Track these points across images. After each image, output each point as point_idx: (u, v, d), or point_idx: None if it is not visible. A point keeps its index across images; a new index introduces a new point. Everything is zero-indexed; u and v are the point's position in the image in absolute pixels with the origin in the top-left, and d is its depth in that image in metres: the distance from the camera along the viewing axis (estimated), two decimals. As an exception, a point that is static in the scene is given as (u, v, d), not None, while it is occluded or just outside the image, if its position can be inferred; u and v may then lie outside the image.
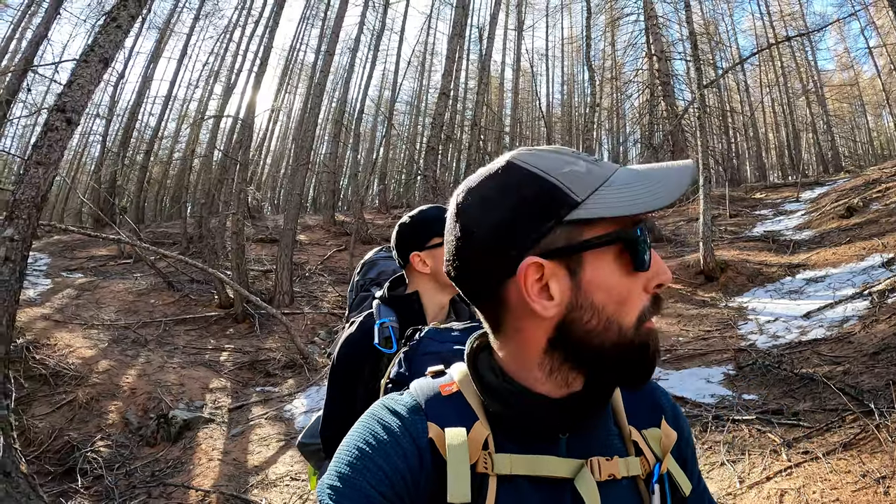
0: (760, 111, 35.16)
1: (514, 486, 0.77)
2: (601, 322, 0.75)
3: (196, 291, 12.66)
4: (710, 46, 26.28)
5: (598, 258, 0.75)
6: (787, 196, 19.51)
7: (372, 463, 0.76)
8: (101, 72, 4.75)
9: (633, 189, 0.74)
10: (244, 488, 5.27)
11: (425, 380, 0.90)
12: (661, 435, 0.89)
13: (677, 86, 20.27)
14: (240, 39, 26.34)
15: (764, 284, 10.12)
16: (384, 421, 0.82)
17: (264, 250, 17.77)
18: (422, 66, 38.02)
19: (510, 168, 0.77)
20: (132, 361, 8.34)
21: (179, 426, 6.57)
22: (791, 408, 4.85)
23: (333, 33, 15.61)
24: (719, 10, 33.15)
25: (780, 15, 31.65)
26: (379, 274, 2.31)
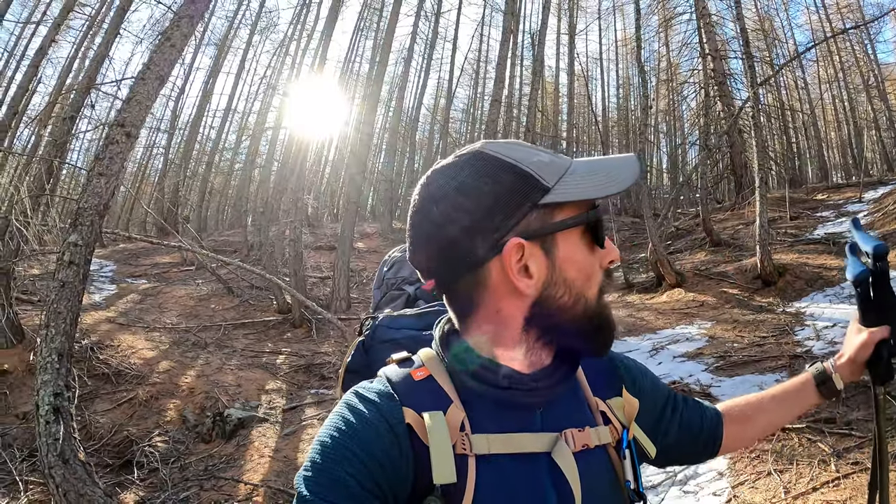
0: (820, 108, 33.81)
1: (494, 464, 0.80)
2: (571, 296, 0.84)
3: (255, 297, 13.00)
4: (767, 43, 25.47)
5: (568, 238, 0.84)
6: (850, 196, 18.77)
7: (347, 451, 0.77)
8: (158, 89, 4.98)
9: (594, 177, 0.84)
10: (291, 484, 5.40)
11: (393, 366, 0.92)
12: (624, 403, 0.97)
13: (734, 85, 19.81)
14: (295, 53, 26.85)
15: (823, 289, 9.80)
16: (358, 408, 0.83)
17: (322, 257, 18.09)
18: (476, 73, 37.98)
19: (483, 157, 0.84)
20: (191, 363, 8.61)
21: (234, 424, 6.72)
22: (844, 417, 4.70)
23: (385, 44, 15.84)
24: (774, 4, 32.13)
25: (836, 7, 30.38)
26: (411, 273, 2.34)
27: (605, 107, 40.59)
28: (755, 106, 11.74)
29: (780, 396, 1.26)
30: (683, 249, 15.41)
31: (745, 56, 12.33)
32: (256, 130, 25.97)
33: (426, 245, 0.87)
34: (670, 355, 7.88)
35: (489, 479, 0.79)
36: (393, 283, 2.36)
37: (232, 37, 28.89)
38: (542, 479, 0.83)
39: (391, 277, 2.38)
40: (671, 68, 29.18)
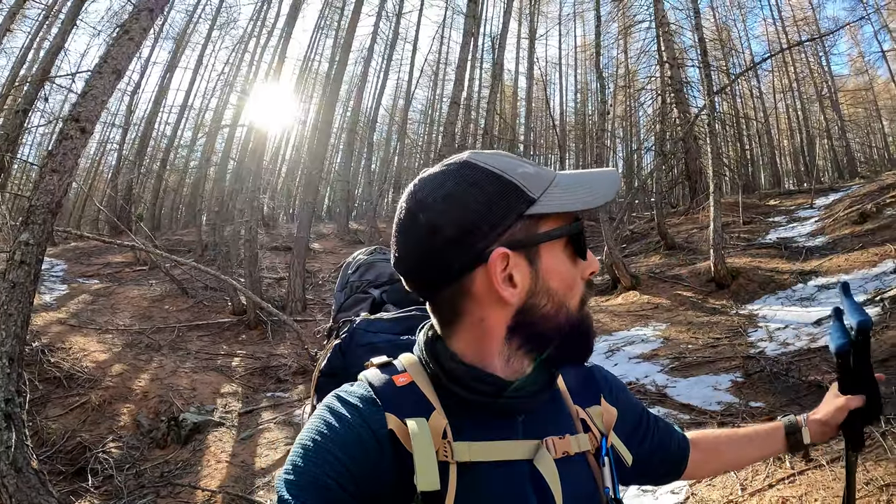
0: (774, 117, 34.90)
1: (475, 472, 0.81)
2: (554, 306, 0.85)
3: (209, 298, 12.79)
4: (724, 53, 26.15)
5: (551, 249, 0.85)
6: (801, 202, 19.34)
7: (329, 454, 0.78)
8: (115, 83, 4.84)
9: (578, 190, 0.86)
10: (250, 489, 5.32)
11: (375, 371, 0.92)
12: (602, 411, 0.98)
13: (691, 93, 20.22)
14: (254, 50, 26.52)
15: (775, 291, 10.06)
16: (340, 412, 0.83)
17: (278, 258, 17.91)
18: (435, 75, 38.14)
19: (470, 166, 0.85)
20: (145, 366, 8.43)
21: (189, 429, 6.61)
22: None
23: (346, 43, 15.75)
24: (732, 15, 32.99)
25: (792, 20, 31.43)
26: (377, 276, 2.31)
27: (562, 111, 41.16)
28: (711, 113, 12.01)
29: (749, 436, 1.30)
30: (638, 253, 15.68)
31: (703, 65, 12.62)
32: (213, 128, 25.52)
33: (412, 252, 0.86)
34: (626, 356, 8.00)
35: (470, 487, 0.80)
36: (358, 285, 2.33)
37: (191, 32, 28.41)
38: (523, 486, 0.84)
39: (356, 280, 2.34)
40: (629, 75, 29.65)
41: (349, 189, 26.03)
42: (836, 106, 29.45)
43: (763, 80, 33.45)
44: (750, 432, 1.31)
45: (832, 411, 1.23)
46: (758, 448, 1.29)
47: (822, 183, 25.13)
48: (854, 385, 1.20)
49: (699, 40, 12.97)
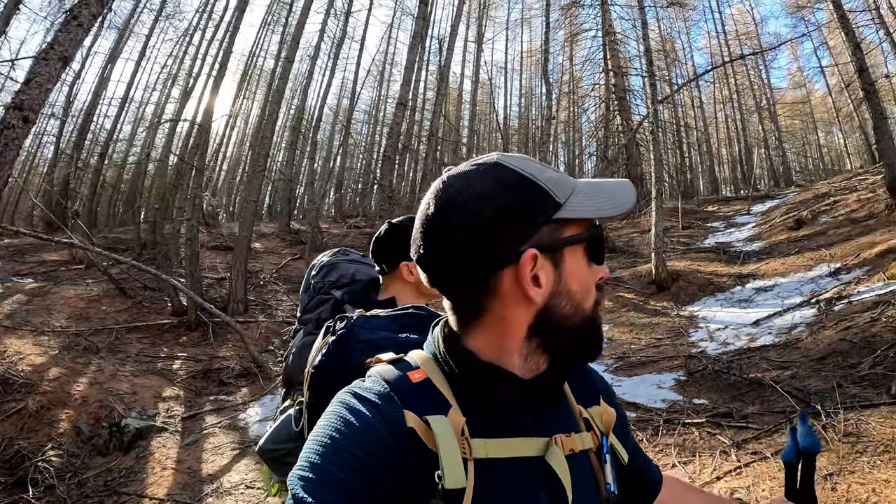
0: (714, 127, 36.18)
1: (491, 468, 0.82)
2: (573, 307, 0.87)
3: (149, 299, 12.39)
4: (667, 63, 26.92)
5: (573, 253, 0.87)
6: (739, 209, 20.03)
7: (347, 452, 0.77)
8: (60, 70, 4.66)
9: (599, 198, 0.88)
10: (198, 497, 5.19)
11: (387, 367, 0.92)
12: (602, 411, 1.01)
13: (633, 101, 20.65)
14: (199, 43, 25.85)
15: (714, 294, 10.38)
16: (358, 409, 0.82)
17: (219, 258, 17.53)
18: (381, 75, 38.00)
19: (502, 168, 0.86)
20: (84, 369, 8.12)
21: (132, 435, 6.43)
22: (740, 411, 5.01)
23: (294, 40, 15.49)
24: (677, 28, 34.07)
25: (735, 34, 32.70)
26: (339, 277, 2.28)
27: (506, 115, 41.52)
28: (654, 122, 12.30)
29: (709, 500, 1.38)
30: (581, 256, 15.91)
31: (648, 74, 12.93)
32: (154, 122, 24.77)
33: (439, 249, 0.86)
34: (570, 357, 8.11)
35: (487, 483, 0.81)
36: (320, 286, 2.33)
37: (135, 21, 27.42)
38: (535, 482, 0.86)
39: (318, 281, 2.35)
40: (574, 81, 30.16)
41: (292, 188, 25.65)
42: (774, 117, 30.71)
43: (704, 90, 34.73)
44: (712, 497, 1.40)
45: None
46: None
47: (758, 190, 26.09)
48: (796, 496, 1.30)
49: (645, 50, 13.28)
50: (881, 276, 7.84)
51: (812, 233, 12.67)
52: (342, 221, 26.89)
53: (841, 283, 8.42)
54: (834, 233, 11.84)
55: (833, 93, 32.59)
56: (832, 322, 6.77)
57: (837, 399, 4.43)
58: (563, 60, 32.44)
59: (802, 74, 37.26)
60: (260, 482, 5.35)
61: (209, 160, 24.21)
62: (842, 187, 17.02)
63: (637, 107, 20.59)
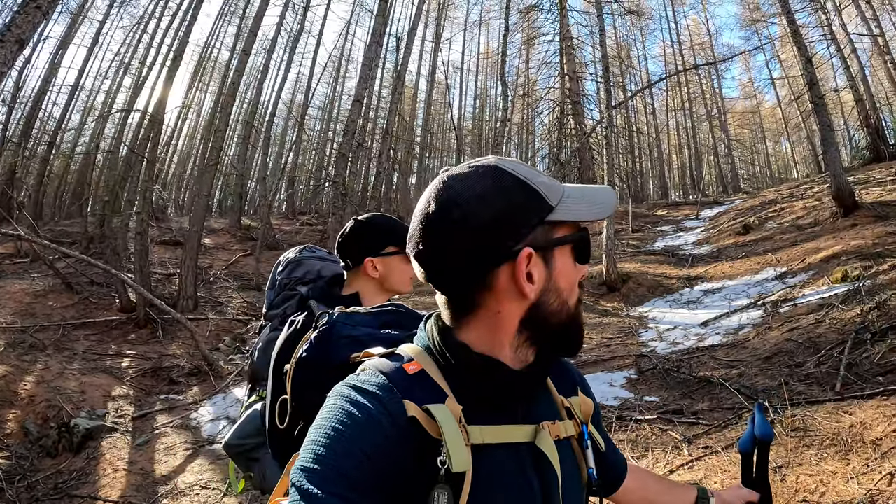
0: (665, 133, 37.03)
1: (486, 453, 0.86)
2: (560, 304, 0.93)
3: (96, 294, 12.07)
4: (621, 70, 27.41)
5: (562, 252, 0.93)
6: (688, 214, 20.53)
7: (350, 443, 0.79)
8: (17, 54, 4.51)
9: (585, 202, 0.94)
10: (153, 499, 5.07)
11: (381, 360, 0.95)
12: (581, 402, 1.08)
13: (587, 105, 20.91)
14: (154, 31, 25.16)
15: (664, 295, 10.61)
16: (359, 401, 0.85)
17: (168, 253, 17.19)
18: (337, 71, 37.68)
19: (500, 171, 0.90)
20: (30, 367, 7.89)
21: (82, 435, 6.25)
22: (690, 408, 5.15)
23: (251, 32, 15.29)
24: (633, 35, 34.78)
25: (690, 44, 33.55)
26: (305, 273, 2.30)
27: (460, 115, 41.63)
28: (609, 126, 12.53)
29: (671, 486, 1.43)
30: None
31: (604, 80, 13.14)
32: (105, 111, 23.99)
33: (439, 247, 0.89)
34: (521, 356, 8.19)
35: (483, 468, 0.85)
36: (286, 283, 2.34)
37: (89, 6, 26.42)
38: (525, 466, 0.91)
39: (284, 278, 2.34)
40: (529, 84, 30.43)
41: (243, 183, 25.24)
42: (725, 126, 31.68)
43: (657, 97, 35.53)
44: (672, 483, 1.45)
45: (735, 497, 1.38)
46: (672, 499, 1.39)
47: (707, 196, 26.81)
48: (752, 482, 1.41)
49: (602, 56, 13.50)
50: (826, 280, 8.10)
51: (759, 238, 13.05)
52: (294, 218, 26.63)
53: (787, 286, 8.68)
54: (780, 238, 12.20)
55: (783, 104, 33.78)
56: (778, 323, 6.99)
57: (785, 396, 4.57)
58: (518, 63, 32.77)
59: (753, 86, 38.67)
60: (216, 482, 5.27)
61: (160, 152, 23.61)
62: (788, 195, 17.56)
63: (591, 111, 20.88)
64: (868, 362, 4.95)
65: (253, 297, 13.99)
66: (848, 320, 6.10)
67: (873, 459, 3.37)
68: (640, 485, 1.35)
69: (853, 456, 3.48)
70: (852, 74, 20.93)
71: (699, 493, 1.38)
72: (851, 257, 8.65)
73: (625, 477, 1.31)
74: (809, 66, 12.09)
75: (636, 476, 1.35)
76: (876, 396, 4.21)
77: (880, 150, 18.67)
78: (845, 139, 27.99)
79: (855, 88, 20.33)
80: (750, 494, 1.38)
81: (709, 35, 33.08)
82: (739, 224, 14.96)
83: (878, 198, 12.12)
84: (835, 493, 3.13)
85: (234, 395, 7.75)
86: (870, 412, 3.96)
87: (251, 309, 12.97)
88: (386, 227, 2.01)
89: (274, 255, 18.75)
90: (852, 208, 11.43)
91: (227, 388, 7.99)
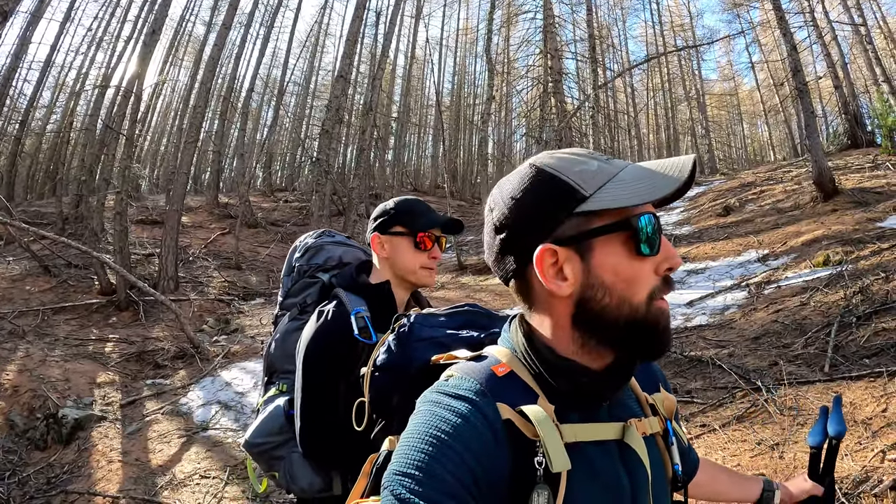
0: (644, 113, 37.27)
1: (580, 452, 0.86)
2: (614, 299, 0.86)
3: (74, 277, 11.83)
4: (602, 49, 27.44)
5: (607, 244, 0.87)
6: (666, 193, 20.65)
7: (449, 449, 0.79)
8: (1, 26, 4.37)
9: (637, 183, 0.86)
10: (153, 490, 4.97)
11: (469, 364, 0.95)
12: (664, 398, 1.06)
13: (567, 84, 21.00)
14: (128, 5, 24.63)
15: (647, 275, 10.69)
16: (453, 406, 0.84)
17: (145, 232, 16.89)
18: (315, 46, 37.20)
19: (532, 170, 0.90)
20: (10, 356, 7.71)
21: (71, 426, 6.11)
22: (684, 386, 5.23)
23: (231, 6, 15.00)
24: (614, 15, 34.79)
25: (671, 25, 33.70)
26: (326, 259, 2.26)
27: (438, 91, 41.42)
28: (595, 106, 12.58)
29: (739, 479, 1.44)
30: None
31: (590, 60, 13.16)
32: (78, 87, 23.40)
33: (487, 248, 0.96)
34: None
35: (577, 466, 0.84)
36: (305, 269, 2.27)
37: (62, -22, 25.69)
38: (616, 463, 0.91)
39: (304, 265, 2.27)
40: (508, 63, 30.37)
41: (220, 160, 24.89)
42: (703, 107, 31.96)
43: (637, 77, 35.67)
44: (739, 476, 1.46)
45: (799, 490, 1.41)
46: (740, 491, 1.42)
47: (685, 177, 26.97)
48: (819, 476, 1.43)
49: (590, 36, 13.53)
50: (808, 263, 8.22)
51: (740, 220, 13.20)
52: (272, 195, 26.37)
53: (769, 268, 8.78)
54: (761, 221, 12.34)
55: (761, 88, 34.19)
56: (763, 305, 7.09)
57: (783, 376, 4.68)
58: (498, 41, 32.64)
59: (732, 68, 39.11)
60: (215, 471, 5.19)
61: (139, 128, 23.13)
62: (767, 178, 17.76)
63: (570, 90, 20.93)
64: (854, 345, 5.06)
65: (233, 276, 13.88)
66: (832, 303, 6.19)
67: (865, 437, 3.47)
68: (710, 478, 1.38)
69: (846, 434, 3.59)
70: (832, 61, 21.20)
71: (765, 485, 1.41)
72: (833, 242, 8.79)
73: (697, 471, 1.33)
74: (794, 53, 12.21)
75: (706, 469, 1.38)
76: (864, 378, 4.30)
77: (858, 136, 19.02)
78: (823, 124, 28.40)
79: (835, 75, 20.61)
80: (814, 488, 1.40)
81: (690, 17, 33.31)
82: (720, 206, 15.11)
83: (857, 184, 12.32)
84: (831, 469, 3.24)
85: (222, 378, 7.63)
86: (859, 393, 4.06)
87: (232, 288, 12.87)
88: (401, 209, 1.99)
89: (253, 234, 18.66)
90: (832, 194, 11.61)
91: (215, 371, 7.86)
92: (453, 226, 2.04)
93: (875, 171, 13.69)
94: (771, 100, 32.85)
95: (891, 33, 26.10)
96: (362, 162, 20.32)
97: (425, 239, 1.96)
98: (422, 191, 30.09)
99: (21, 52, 22.44)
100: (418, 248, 1.96)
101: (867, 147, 18.05)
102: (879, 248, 7.71)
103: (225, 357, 8.30)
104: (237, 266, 14.69)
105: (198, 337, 9.07)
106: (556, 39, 19.07)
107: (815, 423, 1.46)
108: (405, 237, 1.95)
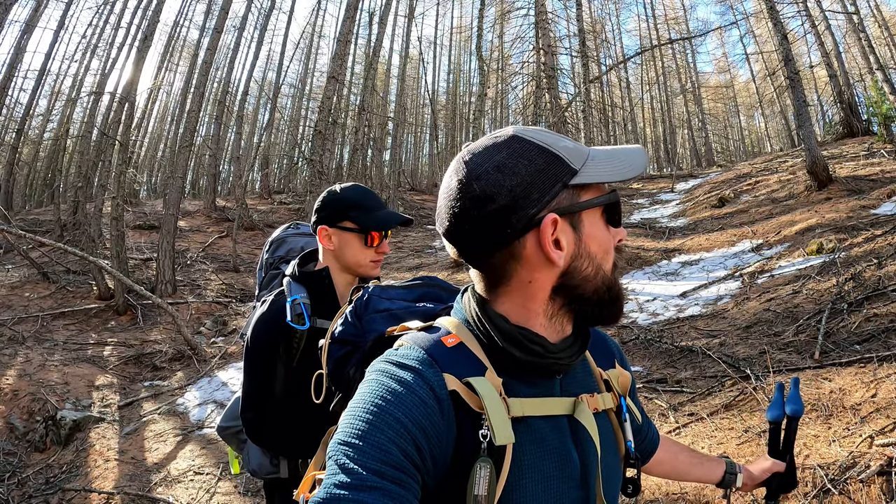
0: (640, 107, 37.26)
1: (526, 425, 0.87)
2: (593, 269, 0.91)
3: (73, 283, 11.89)
4: (596, 44, 27.45)
5: (591, 216, 0.91)
6: (663, 187, 20.66)
7: (391, 417, 0.79)
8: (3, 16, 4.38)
9: (613, 162, 0.92)
10: (148, 487, 5.02)
11: (419, 334, 0.95)
12: (619, 374, 1.07)
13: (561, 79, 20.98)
14: (121, 12, 24.59)
15: (642, 267, 10.69)
16: (399, 375, 0.85)
17: (143, 237, 16.92)
18: (309, 48, 37.18)
19: (518, 140, 0.89)
20: (10, 361, 7.79)
21: (69, 428, 6.17)
22: (674, 376, 5.25)
23: (223, 10, 15.00)
24: (607, 9, 34.80)
25: (664, 18, 33.72)
26: (288, 251, 2.32)
27: (434, 90, 41.40)
28: (586, 101, 12.59)
29: (700, 459, 1.46)
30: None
31: (581, 54, 13.18)
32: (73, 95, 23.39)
33: (463, 220, 0.89)
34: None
35: (524, 440, 0.86)
36: (271, 262, 2.36)
37: (54, -12, 25.65)
38: (565, 438, 0.92)
39: (269, 258, 2.36)
40: (503, 59, 30.38)
41: (217, 164, 24.91)
42: (699, 100, 32.01)
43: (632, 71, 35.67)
44: (702, 456, 1.47)
45: (761, 469, 1.44)
46: (702, 472, 1.43)
47: (681, 169, 27.11)
48: (778, 453, 1.46)
49: (580, 31, 13.54)
50: (801, 252, 8.21)
51: (735, 210, 13.20)
52: (269, 198, 26.37)
53: (763, 258, 8.78)
54: (756, 211, 12.34)
55: (757, 79, 34.18)
56: (756, 294, 7.10)
57: (769, 363, 4.70)
58: (492, 38, 32.67)
59: (728, 60, 39.12)
60: (209, 467, 5.26)
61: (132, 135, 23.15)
62: (763, 168, 17.75)
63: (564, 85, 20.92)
64: (845, 331, 5.07)
65: (231, 278, 13.88)
66: (824, 291, 6.21)
67: (853, 423, 3.46)
68: (671, 457, 1.40)
69: (834, 420, 3.58)
70: (826, 51, 21.15)
71: (727, 466, 1.42)
72: (826, 230, 8.79)
73: (657, 449, 1.35)
74: (785, 43, 12.20)
75: (667, 448, 1.40)
76: (854, 364, 4.31)
77: (853, 125, 18.94)
78: (818, 114, 28.38)
79: (829, 65, 20.54)
80: (775, 465, 1.43)
81: (683, 10, 33.33)
82: (715, 197, 15.11)
83: (851, 172, 12.30)
84: (818, 456, 3.23)
85: (218, 378, 7.70)
86: (848, 379, 4.06)
87: (230, 291, 12.88)
88: (350, 201, 1.97)
89: (250, 236, 18.65)
90: (826, 182, 11.59)
91: (212, 371, 7.94)
92: (405, 223, 2.05)
93: (870, 159, 13.67)
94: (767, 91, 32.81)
95: (884, 21, 26.12)
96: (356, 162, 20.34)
97: (375, 236, 1.97)
98: (419, 189, 30.00)
99: (16, 60, 22.41)
100: (367, 244, 1.97)
101: (863, 136, 17.96)
102: (873, 235, 7.71)
103: (222, 358, 8.37)
104: (235, 268, 14.71)
105: (195, 339, 9.10)
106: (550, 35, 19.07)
107: (772, 399, 1.49)
108: (355, 234, 1.95)
